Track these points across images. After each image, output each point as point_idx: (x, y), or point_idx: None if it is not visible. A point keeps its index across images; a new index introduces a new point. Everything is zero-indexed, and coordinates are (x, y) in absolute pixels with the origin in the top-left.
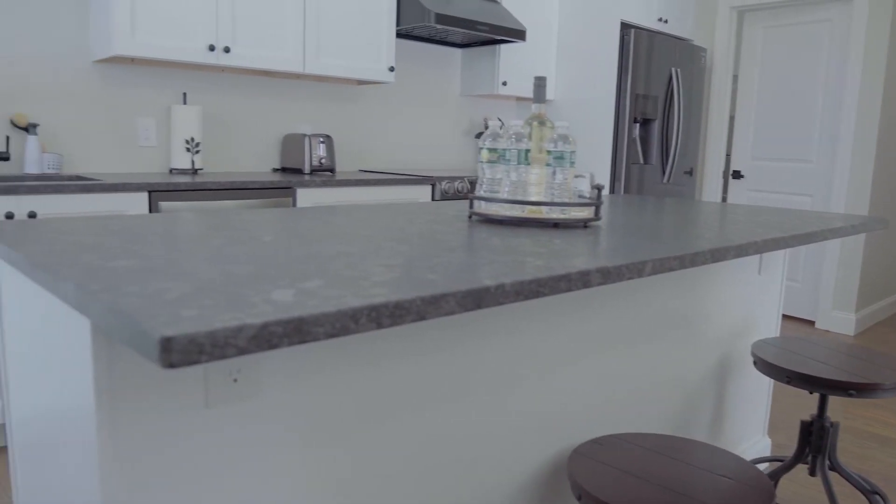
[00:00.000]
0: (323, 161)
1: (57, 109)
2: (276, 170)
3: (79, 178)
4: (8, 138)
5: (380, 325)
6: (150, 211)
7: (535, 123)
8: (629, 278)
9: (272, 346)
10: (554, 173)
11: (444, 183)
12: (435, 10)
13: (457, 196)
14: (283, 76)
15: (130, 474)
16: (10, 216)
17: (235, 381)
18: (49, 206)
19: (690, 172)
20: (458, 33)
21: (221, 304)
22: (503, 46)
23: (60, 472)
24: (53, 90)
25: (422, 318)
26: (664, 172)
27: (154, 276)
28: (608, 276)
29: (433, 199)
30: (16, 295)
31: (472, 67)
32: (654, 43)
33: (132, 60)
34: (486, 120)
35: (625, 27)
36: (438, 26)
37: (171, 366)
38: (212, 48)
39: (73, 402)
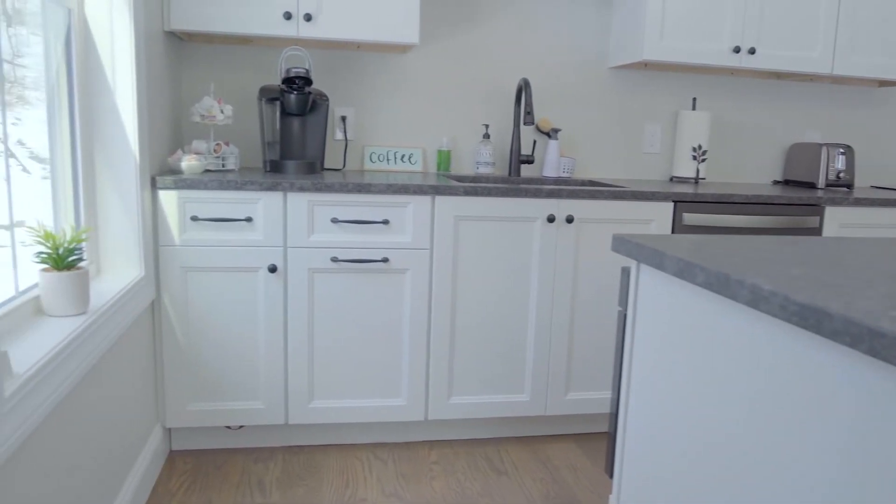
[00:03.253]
0: (841, 175)
1: (574, 115)
2: (776, 182)
3: (591, 182)
4: (534, 143)
5: None
6: (674, 224)
7: None
8: None
9: None
10: None
11: None
12: None
13: None
14: (792, 78)
15: None
16: (551, 219)
17: None
18: (581, 210)
19: None
20: None
21: None
22: None
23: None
24: (572, 97)
25: None
26: None
27: None
28: None
29: None
30: (679, 317)
31: None
32: None
33: (645, 65)
34: None
35: None
36: None
37: None
38: (737, 50)
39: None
